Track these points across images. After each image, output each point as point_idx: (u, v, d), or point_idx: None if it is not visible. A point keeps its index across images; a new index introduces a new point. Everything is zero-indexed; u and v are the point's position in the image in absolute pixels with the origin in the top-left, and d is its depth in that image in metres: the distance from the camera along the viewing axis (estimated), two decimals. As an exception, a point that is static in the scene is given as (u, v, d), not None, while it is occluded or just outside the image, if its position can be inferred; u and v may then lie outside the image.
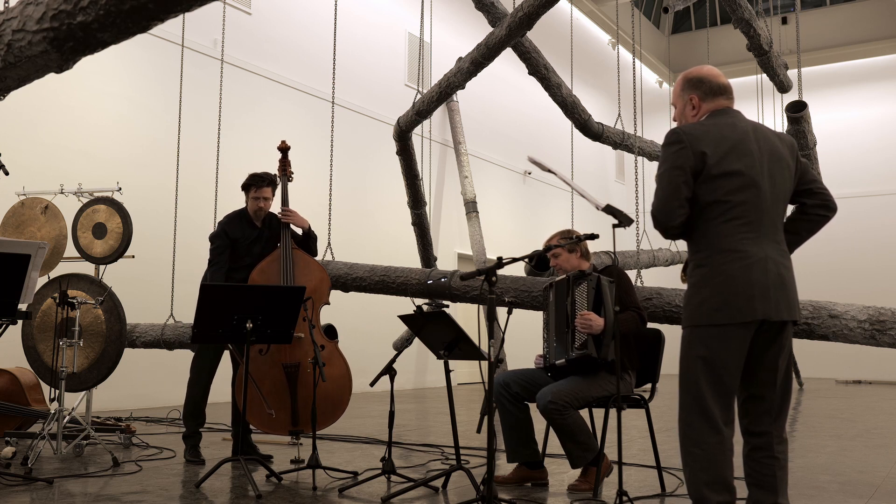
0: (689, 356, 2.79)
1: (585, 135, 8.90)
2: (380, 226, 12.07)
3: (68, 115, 8.15)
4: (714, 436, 2.71)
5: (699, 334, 2.76)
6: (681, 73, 3.09)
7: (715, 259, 2.76)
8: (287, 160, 5.42)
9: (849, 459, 5.30)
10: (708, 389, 2.73)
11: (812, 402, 10.65)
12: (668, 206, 2.78)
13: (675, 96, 3.07)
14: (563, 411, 3.90)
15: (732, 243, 2.76)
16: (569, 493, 4.00)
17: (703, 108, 2.95)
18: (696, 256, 2.83)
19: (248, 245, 5.07)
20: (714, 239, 2.78)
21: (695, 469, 2.71)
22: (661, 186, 2.81)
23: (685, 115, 3.01)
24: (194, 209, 8.69)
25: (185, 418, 5.07)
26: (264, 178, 5.10)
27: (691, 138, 2.80)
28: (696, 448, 2.72)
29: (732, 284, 2.72)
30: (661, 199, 2.80)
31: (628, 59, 17.53)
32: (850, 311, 4.94)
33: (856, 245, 17.35)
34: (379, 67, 12.52)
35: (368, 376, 4.51)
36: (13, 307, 4.11)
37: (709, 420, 2.72)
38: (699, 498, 2.69)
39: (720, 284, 2.73)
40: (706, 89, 2.96)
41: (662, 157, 2.85)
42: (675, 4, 9.51)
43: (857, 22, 18.54)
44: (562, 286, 4.18)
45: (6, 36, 3.65)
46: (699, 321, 2.76)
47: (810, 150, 8.31)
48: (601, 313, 4.01)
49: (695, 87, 2.97)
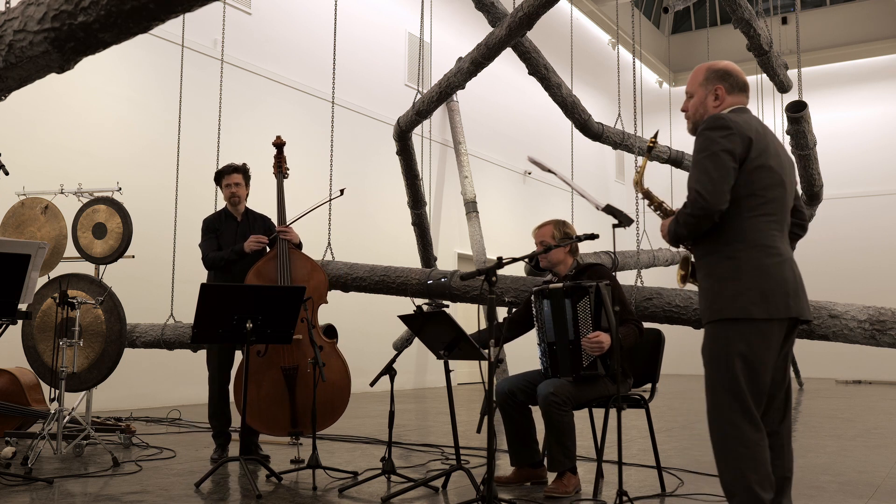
0: (727, 353, 2.68)
1: (585, 135, 8.90)
2: (380, 226, 12.07)
3: (68, 115, 8.15)
4: (757, 433, 2.65)
5: (739, 330, 2.67)
6: (700, 65, 3.00)
7: (748, 253, 2.70)
8: (282, 156, 5.41)
9: (849, 459, 5.30)
10: (747, 387, 2.66)
11: (812, 402, 10.65)
12: (720, 189, 2.66)
13: (693, 85, 2.97)
14: (562, 406, 3.88)
15: (766, 239, 2.71)
16: (545, 497, 3.91)
17: (727, 101, 2.88)
18: (723, 248, 2.73)
19: (231, 237, 5.18)
20: (747, 233, 2.71)
21: (743, 469, 2.62)
22: (711, 168, 2.68)
23: (706, 106, 2.91)
24: (194, 209, 8.67)
25: (209, 418, 5.13)
26: (230, 166, 5.30)
27: (738, 126, 2.72)
28: (741, 447, 2.63)
29: (770, 280, 2.67)
30: (713, 180, 2.66)
31: (628, 59, 17.52)
32: (850, 311, 4.95)
33: (856, 245, 17.35)
34: (379, 67, 12.52)
35: (368, 376, 4.51)
36: (13, 307, 4.11)
37: (752, 418, 2.65)
38: (752, 498, 2.61)
39: (756, 278, 2.67)
40: (733, 82, 2.90)
41: (706, 140, 2.73)
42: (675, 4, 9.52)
43: (857, 22, 18.54)
44: (558, 297, 4.06)
45: (7, 36, 3.65)
46: (735, 314, 2.67)
47: (810, 150, 8.32)
48: (602, 323, 3.96)
49: (722, 78, 2.90)
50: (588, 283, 4.01)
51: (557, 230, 4.27)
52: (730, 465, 2.65)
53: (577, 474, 4.00)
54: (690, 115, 2.99)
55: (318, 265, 5.12)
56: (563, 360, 4.03)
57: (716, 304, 2.72)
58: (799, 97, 7.67)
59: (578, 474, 4.04)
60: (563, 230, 4.27)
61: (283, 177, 5.38)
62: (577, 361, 3.98)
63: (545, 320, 4.12)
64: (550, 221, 4.36)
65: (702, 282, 2.84)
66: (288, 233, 5.06)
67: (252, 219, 5.28)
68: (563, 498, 3.87)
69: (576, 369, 3.98)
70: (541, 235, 4.30)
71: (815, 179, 9.09)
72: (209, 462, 4.89)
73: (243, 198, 5.27)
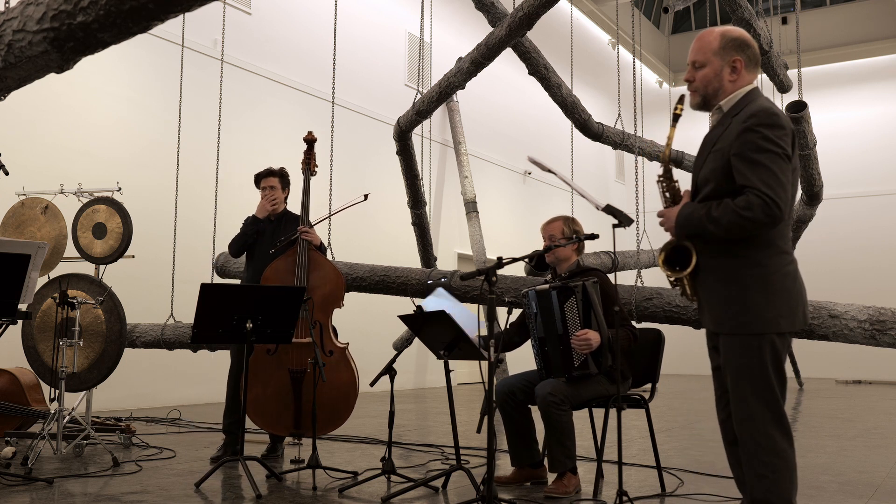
0: (761, 363, 2.58)
1: (585, 135, 8.90)
2: (380, 226, 12.07)
3: (68, 115, 8.15)
4: (791, 445, 2.60)
5: (769, 340, 2.58)
6: (715, 30, 2.72)
7: (775, 260, 2.59)
8: (312, 153, 5.43)
9: (849, 459, 5.30)
10: (781, 399, 2.60)
11: (812, 402, 10.65)
12: (786, 198, 2.51)
13: (705, 53, 2.69)
14: (560, 406, 3.88)
15: (787, 244, 2.64)
16: (545, 497, 3.92)
17: (745, 77, 2.68)
18: (752, 254, 2.59)
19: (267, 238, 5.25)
20: (775, 238, 2.60)
21: (782, 481, 2.55)
22: (780, 173, 2.50)
23: (721, 79, 2.68)
24: (194, 209, 8.68)
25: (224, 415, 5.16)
26: (265, 170, 5.42)
27: (788, 124, 2.57)
28: (778, 459, 2.56)
29: (794, 292, 2.60)
30: (785, 188, 2.51)
31: (628, 59, 17.52)
32: (850, 311, 4.95)
33: (856, 245, 17.35)
34: (379, 67, 12.52)
35: (368, 376, 4.51)
36: (13, 307, 4.11)
37: (784, 428, 2.59)
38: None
39: (783, 291, 2.57)
40: (751, 55, 2.68)
41: (769, 138, 2.52)
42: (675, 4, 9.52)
43: (857, 22, 18.54)
44: (545, 298, 4.06)
45: (6, 36, 3.65)
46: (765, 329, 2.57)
47: (810, 150, 8.32)
48: (592, 323, 3.96)
49: (740, 49, 2.67)
50: (574, 282, 4.01)
51: (567, 227, 4.27)
52: (767, 479, 2.57)
53: (577, 474, 4.00)
54: (700, 88, 2.73)
55: (336, 270, 5.07)
56: (554, 361, 4.04)
57: (743, 316, 2.59)
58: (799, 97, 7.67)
59: (579, 474, 4.04)
60: (573, 227, 4.28)
61: (311, 174, 5.39)
62: (568, 361, 3.98)
63: (536, 321, 4.12)
64: (559, 217, 4.35)
65: (715, 285, 2.67)
66: (309, 233, 5.08)
67: (286, 220, 5.33)
68: (563, 498, 3.87)
69: (567, 369, 3.98)
70: (549, 231, 4.30)
71: (815, 179, 9.09)
72: (209, 462, 4.89)
73: (280, 200, 5.36)
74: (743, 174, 2.55)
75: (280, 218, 5.33)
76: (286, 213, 5.40)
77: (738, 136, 2.58)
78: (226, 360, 5.13)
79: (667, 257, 2.76)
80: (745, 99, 2.68)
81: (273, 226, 5.30)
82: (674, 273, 2.75)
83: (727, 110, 2.71)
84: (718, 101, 2.74)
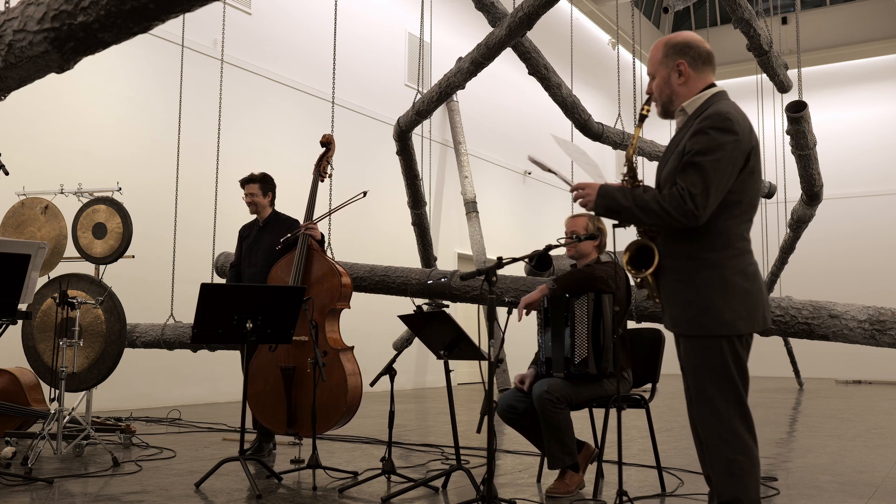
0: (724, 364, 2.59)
1: (585, 135, 8.89)
2: (380, 226, 12.07)
3: (68, 115, 8.15)
4: (755, 443, 2.62)
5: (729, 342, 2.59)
6: (661, 41, 2.78)
7: (733, 262, 2.59)
8: (326, 155, 5.46)
9: (849, 459, 5.30)
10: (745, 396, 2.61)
11: (812, 402, 10.65)
12: (711, 203, 2.53)
13: (653, 65, 2.76)
14: (556, 404, 3.87)
15: (746, 245, 2.64)
16: (547, 497, 3.91)
17: (693, 77, 2.71)
18: (707, 255, 2.60)
19: (254, 242, 5.34)
20: (733, 240, 2.61)
21: (746, 478, 2.57)
22: (711, 178, 2.53)
23: (670, 85, 2.73)
24: (194, 209, 8.68)
25: None
26: (245, 177, 5.52)
27: (743, 131, 2.58)
28: (745, 457, 2.58)
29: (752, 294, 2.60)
30: (709, 194, 2.52)
31: (628, 59, 17.53)
32: (850, 311, 4.94)
33: (856, 245, 17.34)
34: (379, 67, 12.51)
35: (368, 376, 4.51)
36: (13, 307, 4.11)
37: (751, 428, 2.61)
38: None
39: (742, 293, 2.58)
40: (695, 55, 2.72)
41: (715, 141, 2.55)
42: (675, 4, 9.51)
43: (857, 22, 18.54)
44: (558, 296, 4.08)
45: (7, 36, 3.65)
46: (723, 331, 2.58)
47: (810, 150, 8.32)
48: (600, 328, 3.95)
49: (681, 52, 2.71)
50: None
51: (591, 223, 4.28)
52: (735, 476, 2.58)
53: (579, 472, 4.00)
54: (656, 98, 2.79)
55: (337, 269, 5.03)
56: (557, 354, 4.03)
57: (702, 318, 2.61)
58: (799, 97, 7.67)
59: (580, 472, 4.03)
60: (597, 224, 4.29)
61: (321, 178, 5.41)
62: (570, 356, 3.98)
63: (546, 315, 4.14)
64: (586, 214, 4.35)
65: (675, 286, 2.68)
66: (312, 228, 5.11)
67: (274, 223, 5.37)
68: (565, 497, 3.87)
69: (567, 364, 3.98)
70: (573, 226, 4.30)
71: (815, 179, 9.09)
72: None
73: (262, 205, 5.41)
74: (680, 171, 2.61)
75: (267, 222, 5.39)
76: (276, 216, 5.43)
77: (690, 137, 2.64)
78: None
79: (631, 257, 2.77)
80: (708, 101, 2.71)
81: (260, 231, 5.37)
82: (637, 273, 2.76)
83: (691, 112, 2.74)
84: (676, 107, 2.78)
